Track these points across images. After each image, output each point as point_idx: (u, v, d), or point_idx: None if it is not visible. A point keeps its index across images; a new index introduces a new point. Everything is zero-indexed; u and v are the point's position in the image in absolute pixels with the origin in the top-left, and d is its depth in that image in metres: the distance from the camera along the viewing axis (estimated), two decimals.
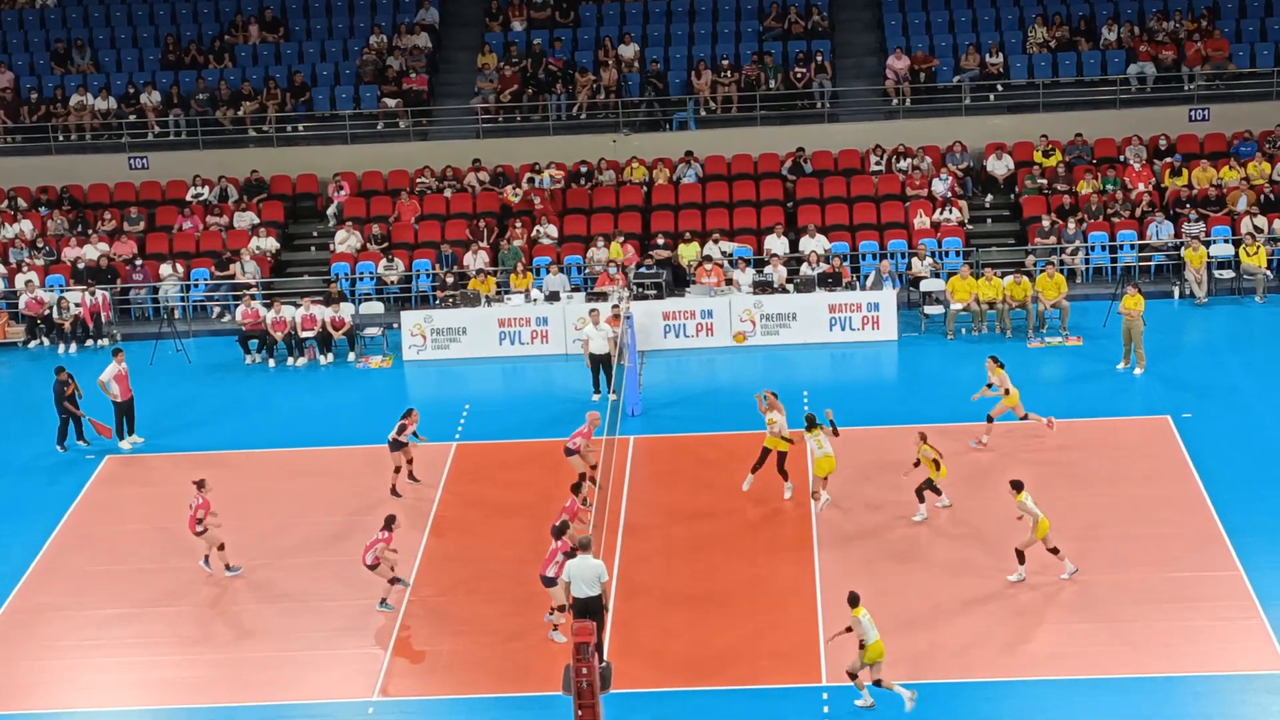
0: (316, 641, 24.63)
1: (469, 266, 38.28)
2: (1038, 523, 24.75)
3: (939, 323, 36.07)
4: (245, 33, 45.27)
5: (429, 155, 42.35)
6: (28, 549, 27.83)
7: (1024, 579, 24.89)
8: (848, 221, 39.63)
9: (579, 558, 22.88)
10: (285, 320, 35.91)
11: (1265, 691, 22.10)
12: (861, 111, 42.64)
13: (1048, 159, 40.70)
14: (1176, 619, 23.87)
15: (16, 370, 36.77)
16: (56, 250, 40.41)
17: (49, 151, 43.44)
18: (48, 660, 24.64)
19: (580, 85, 42.74)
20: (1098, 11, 43.56)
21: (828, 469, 27.17)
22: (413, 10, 45.52)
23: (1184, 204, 38.79)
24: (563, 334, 35.59)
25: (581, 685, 19.56)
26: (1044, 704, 22.11)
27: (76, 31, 45.83)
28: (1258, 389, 31.76)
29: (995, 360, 29.66)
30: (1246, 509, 26.78)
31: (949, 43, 43.36)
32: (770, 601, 24.90)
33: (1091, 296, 37.02)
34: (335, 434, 31.88)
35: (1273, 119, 40.99)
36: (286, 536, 27.69)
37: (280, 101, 43.42)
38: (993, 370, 29.57)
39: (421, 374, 35.21)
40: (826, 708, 22.22)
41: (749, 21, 44.59)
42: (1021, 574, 24.96)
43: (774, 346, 35.44)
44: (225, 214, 41.29)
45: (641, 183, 41.31)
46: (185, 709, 23.27)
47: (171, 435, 32.29)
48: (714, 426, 30.95)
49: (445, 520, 28.05)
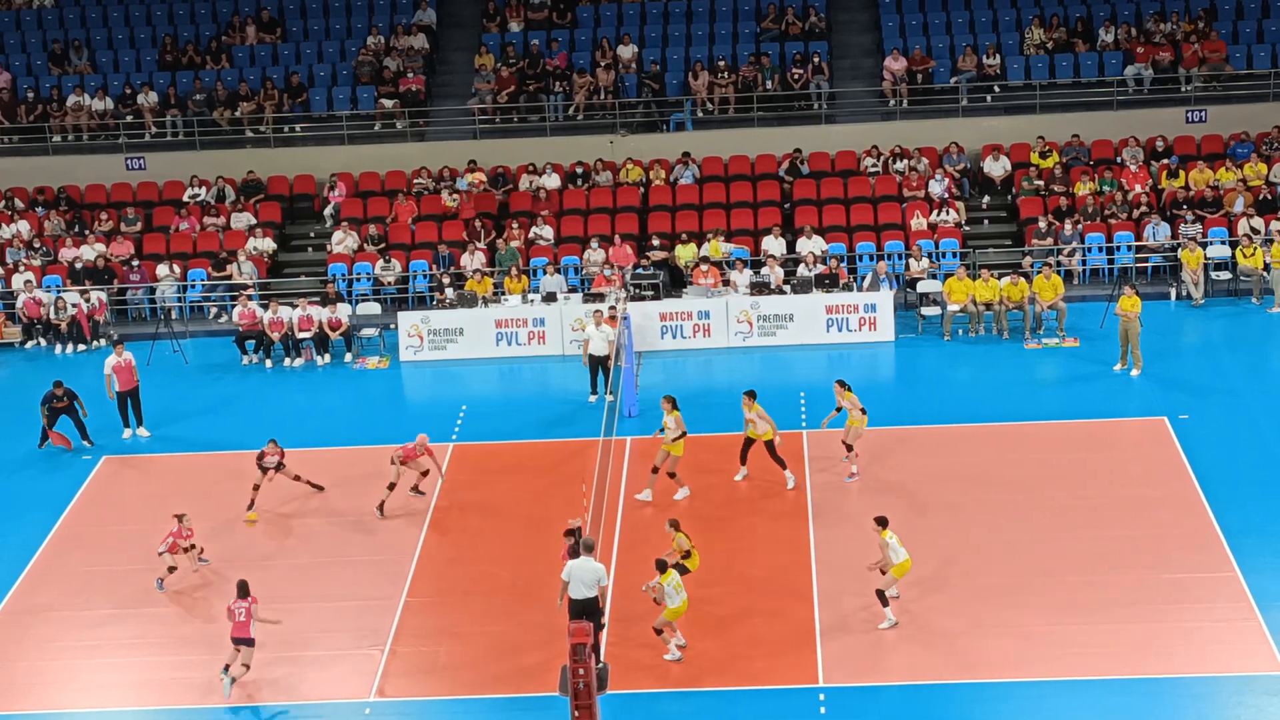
0: (313, 642, 24.62)
1: (466, 267, 38.27)
2: (900, 563, 23.86)
3: (936, 324, 36.08)
4: (242, 33, 45.26)
5: (426, 156, 42.35)
6: (25, 549, 27.81)
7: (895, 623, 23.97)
8: (845, 223, 39.64)
9: (581, 559, 22.86)
10: (282, 321, 35.91)
11: (1262, 693, 22.11)
12: (858, 113, 42.66)
13: (1045, 160, 40.72)
14: (1173, 620, 23.88)
15: (13, 371, 36.75)
16: (53, 251, 40.40)
17: (46, 152, 43.42)
18: (45, 660, 24.63)
19: (578, 86, 42.74)
20: (1095, 13, 43.59)
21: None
22: (410, 11, 45.52)
23: (1181, 205, 38.81)
24: (560, 335, 35.58)
25: (579, 686, 19.56)
26: (1041, 705, 22.10)
27: (74, 32, 45.81)
28: (1255, 390, 31.77)
29: (843, 384, 28.90)
30: (1243, 510, 26.79)
31: (946, 44, 43.38)
32: (767, 602, 24.89)
33: (1088, 298, 37.04)
34: (332, 435, 31.87)
35: (1269, 120, 41.01)
36: (283, 537, 27.65)
37: (277, 102, 43.41)
38: (841, 394, 28.80)
39: (418, 375, 35.20)
40: (824, 709, 22.22)
41: (746, 23, 44.60)
42: (891, 619, 23.96)
43: (771, 347, 35.44)
44: (222, 214, 41.28)
45: (638, 183, 41.32)
46: (183, 709, 23.25)
47: (168, 436, 32.28)
48: (711, 427, 30.93)
49: (442, 521, 28.03)
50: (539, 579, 25.36)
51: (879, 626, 23.88)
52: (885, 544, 23.91)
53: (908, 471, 28.84)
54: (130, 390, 32.03)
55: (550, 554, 25.22)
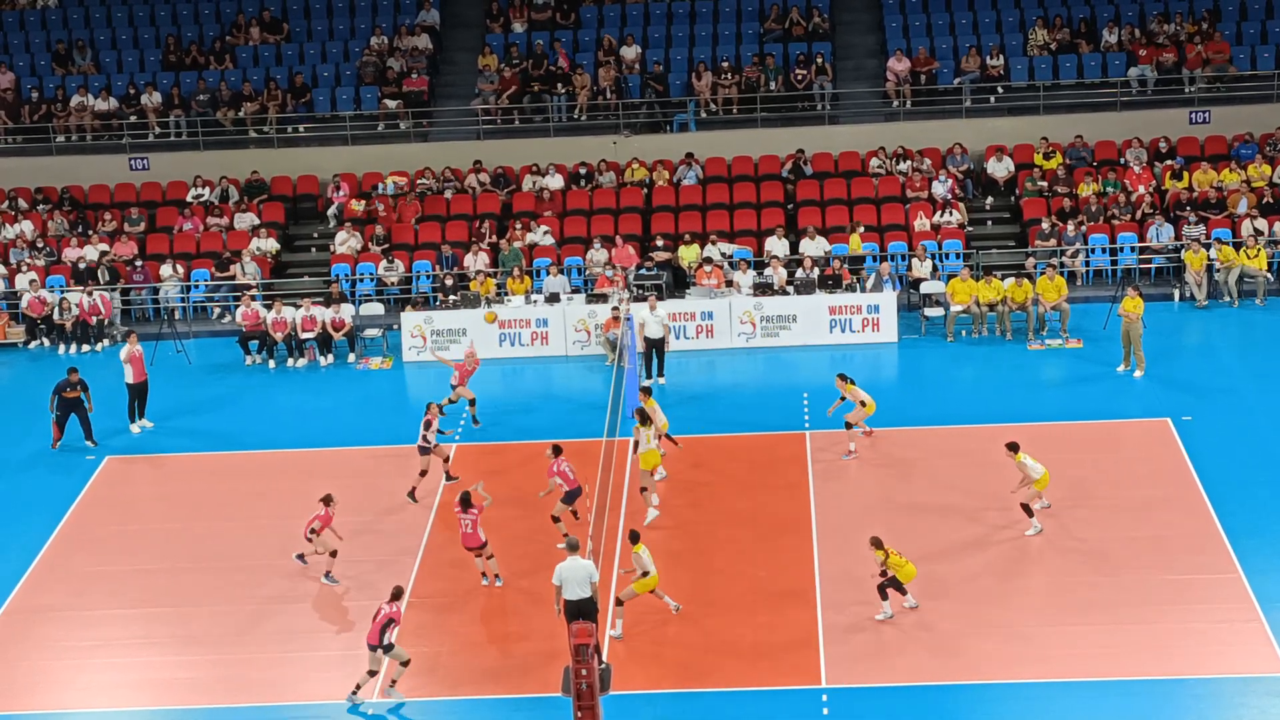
0: (315, 642, 24.63)
1: (469, 267, 38.28)
2: (1040, 478, 26.30)
3: (939, 325, 36.07)
4: (246, 34, 45.28)
5: (429, 156, 42.36)
6: (27, 549, 27.82)
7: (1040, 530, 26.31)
8: (848, 224, 39.61)
9: (569, 560, 22.84)
10: (285, 321, 35.93)
11: (1264, 694, 22.09)
12: (862, 113, 42.65)
13: (1048, 161, 40.70)
14: (1176, 621, 23.87)
15: (17, 371, 36.78)
16: (57, 251, 40.42)
17: (50, 152, 43.45)
18: (47, 660, 24.64)
19: (579, 86, 42.75)
20: (1098, 14, 43.56)
21: (652, 462, 27.53)
22: (413, 11, 45.54)
23: (1184, 206, 38.79)
24: (562, 336, 35.60)
25: (581, 687, 19.56)
26: (1043, 706, 22.10)
27: (77, 32, 45.84)
28: (1258, 391, 31.76)
29: (844, 377, 29.37)
30: (1246, 511, 26.78)
31: (949, 45, 43.36)
32: (769, 602, 24.89)
33: (1092, 299, 37.02)
34: (335, 435, 31.89)
35: (1273, 121, 40.98)
36: (285, 537, 27.66)
37: (281, 102, 43.43)
38: (843, 388, 29.30)
39: (421, 375, 35.20)
40: (826, 710, 22.22)
41: (749, 23, 44.61)
42: (1036, 525, 26.37)
43: (774, 348, 35.44)
44: (225, 215, 41.30)
45: (642, 184, 41.33)
46: (184, 709, 23.26)
47: (171, 436, 32.30)
48: (714, 428, 30.94)
49: (445, 521, 28.02)
50: (540, 578, 25.34)
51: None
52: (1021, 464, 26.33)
53: (910, 472, 28.82)
54: (140, 382, 32.17)
55: (551, 555, 25.19)
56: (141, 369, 32.32)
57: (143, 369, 32.37)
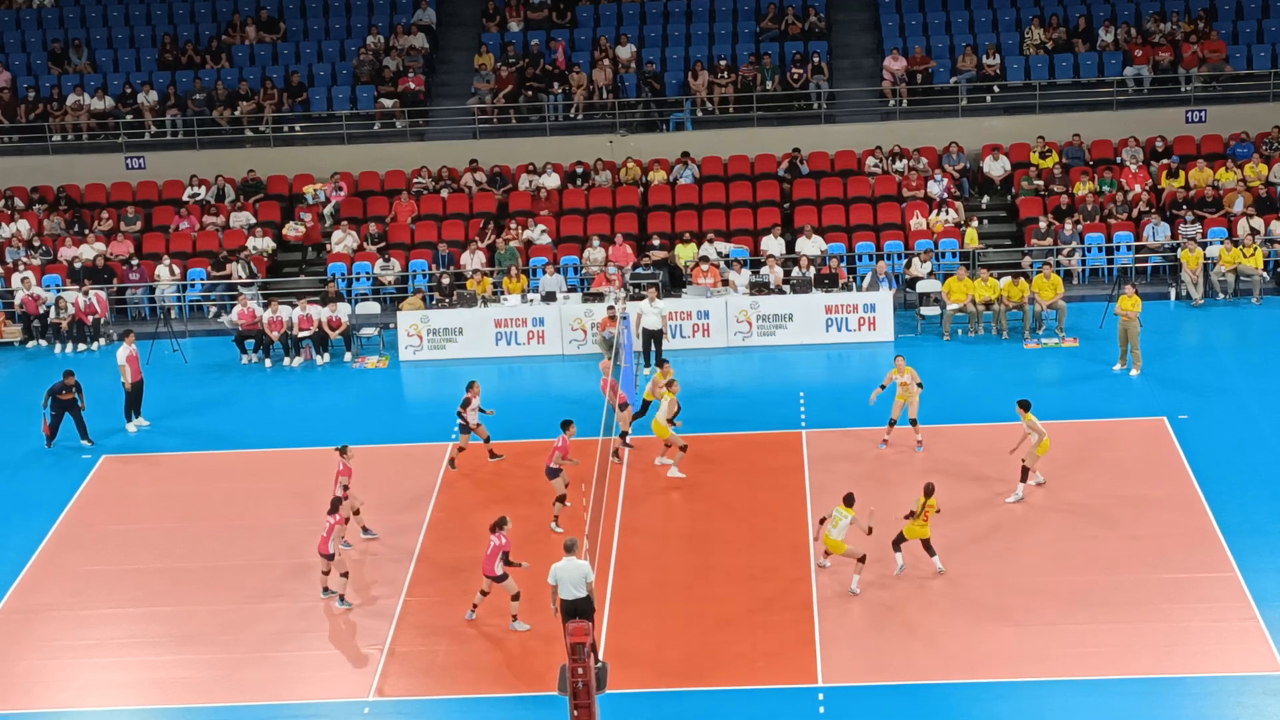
0: (313, 642, 24.62)
1: (466, 266, 38.27)
2: (1041, 440, 27.02)
3: (935, 324, 36.08)
4: (242, 33, 45.26)
5: (426, 155, 42.35)
6: (24, 548, 27.80)
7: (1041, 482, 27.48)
8: (844, 222, 39.64)
9: (564, 560, 22.84)
10: (281, 320, 35.91)
11: (1261, 693, 22.12)
12: (858, 113, 42.66)
13: (1044, 160, 40.72)
14: (1173, 620, 23.88)
15: (13, 370, 36.74)
16: (53, 250, 40.40)
17: (45, 151, 43.42)
18: (44, 660, 24.62)
19: (576, 86, 42.75)
20: (1094, 13, 43.59)
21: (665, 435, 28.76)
22: (409, 11, 45.52)
23: (1180, 205, 38.82)
24: (559, 334, 35.59)
25: (577, 685, 19.57)
26: (1040, 705, 22.11)
27: (73, 31, 45.81)
28: (1254, 390, 31.78)
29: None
30: (1243, 510, 26.80)
31: (946, 44, 43.38)
32: (766, 601, 24.89)
33: (1088, 298, 37.05)
34: (331, 434, 31.78)
35: (1269, 120, 41.02)
36: (283, 537, 27.66)
37: (277, 102, 43.42)
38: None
39: (418, 374, 35.20)
40: (822, 709, 22.22)
41: (746, 22, 44.61)
42: (1020, 492, 27.31)
43: (770, 347, 35.44)
44: (222, 214, 41.28)
45: (638, 183, 41.33)
46: (182, 709, 23.25)
47: (168, 435, 32.29)
48: (710, 427, 30.94)
49: (441, 520, 28.03)
50: (538, 578, 25.32)
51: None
52: (1031, 423, 27.19)
53: (907, 471, 28.82)
54: (137, 382, 32.26)
55: (549, 554, 25.17)
56: (138, 369, 32.37)
57: (138, 369, 32.41)
